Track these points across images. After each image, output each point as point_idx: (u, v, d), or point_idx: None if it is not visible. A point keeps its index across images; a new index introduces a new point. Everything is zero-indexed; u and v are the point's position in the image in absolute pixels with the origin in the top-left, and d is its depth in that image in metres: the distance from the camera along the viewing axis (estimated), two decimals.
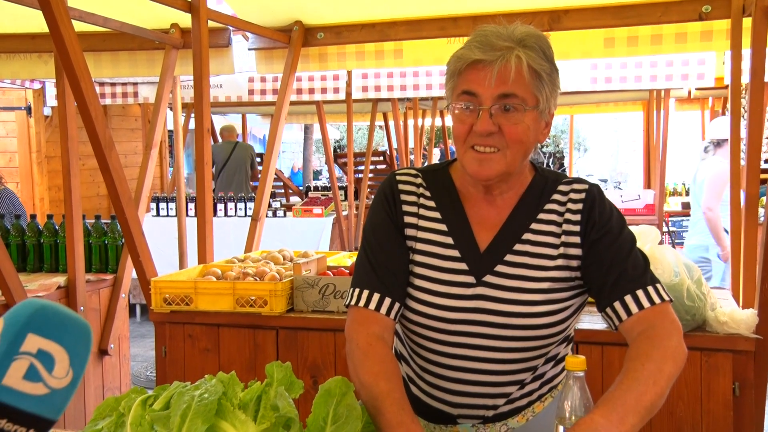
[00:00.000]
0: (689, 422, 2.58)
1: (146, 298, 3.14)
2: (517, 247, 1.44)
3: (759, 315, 2.58)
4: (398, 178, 1.54)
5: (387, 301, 1.44)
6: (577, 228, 1.43)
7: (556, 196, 1.47)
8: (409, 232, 1.49)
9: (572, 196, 1.46)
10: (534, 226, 1.45)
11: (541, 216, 1.46)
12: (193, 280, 3.11)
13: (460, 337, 1.44)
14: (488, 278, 1.43)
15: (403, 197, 1.51)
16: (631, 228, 2.58)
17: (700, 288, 2.53)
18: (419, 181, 1.53)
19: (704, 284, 2.57)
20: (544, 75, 1.37)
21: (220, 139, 8.63)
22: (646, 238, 2.49)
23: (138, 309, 7.53)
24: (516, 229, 1.46)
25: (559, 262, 1.43)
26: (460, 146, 1.42)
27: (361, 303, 1.44)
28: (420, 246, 1.48)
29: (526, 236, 1.45)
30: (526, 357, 1.44)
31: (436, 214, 1.49)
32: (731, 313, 2.54)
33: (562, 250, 1.44)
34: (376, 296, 1.44)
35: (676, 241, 9.45)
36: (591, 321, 2.70)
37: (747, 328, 2.53)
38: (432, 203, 1.50)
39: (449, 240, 1.47)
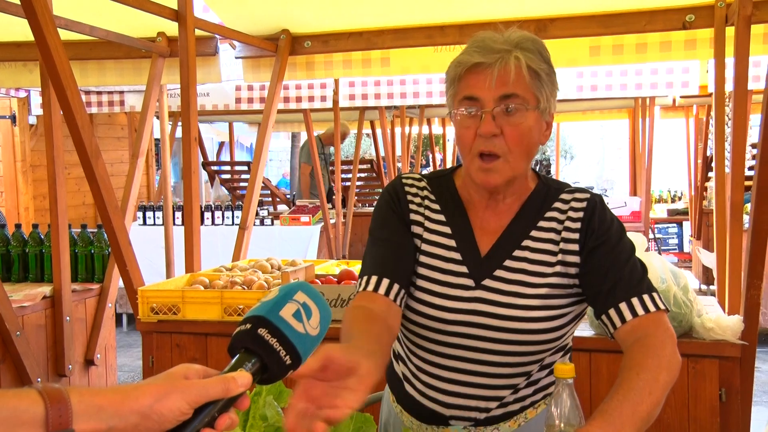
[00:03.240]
0: (676, 428, 2.59)
1: (133, 308, 3.12)
2: (517, 253, 1.47)
3: (744, 321, 2.60)
4: (404, 180, 1.58)
5: (385, 281, 1.46)
6: (575, 236, 1.45)
7: (557, 204, 1.50)
8: (416, 229, 1.53)
9: (573, 204, 1.48)
10: (534, 233, 1.48)
11: (542, 223, 1.48)
12: (181, 289, 3.09)
13: (456, 338, 1.46)
14: (487, 282, 1.46)
15: (410, 198, 1.55)
16: None
17: (686, 294, 2.54)
18: (423, 184, 1.57)
19: (690, 291, 2.59)
20: (543, 75, 1.39)
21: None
22: None
23: (125, 318, 7.47)
24: (516, 235, 1.48)
25: (558, 268, 1.45)
26: (466, 154, 1.44)
27: (367, 287, 1.47)
28: (425, 247, 1.52)
29: (526, 243, 1.47)
30: (521, 362, 1.46)
31: (441, 217, 1.53)
32: (717, 320, 2.56)
33: (560, 257, 1.46)
34: (374, 279, 1.46)
35: (662, 247, 9.51)
36: (579, 328, 2.70)
37: (733, 335, 2.55)
38: (436, 206, 1.54)
39: (452, 243, 1.50)
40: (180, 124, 4.29)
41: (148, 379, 0.89)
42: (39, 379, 3.50)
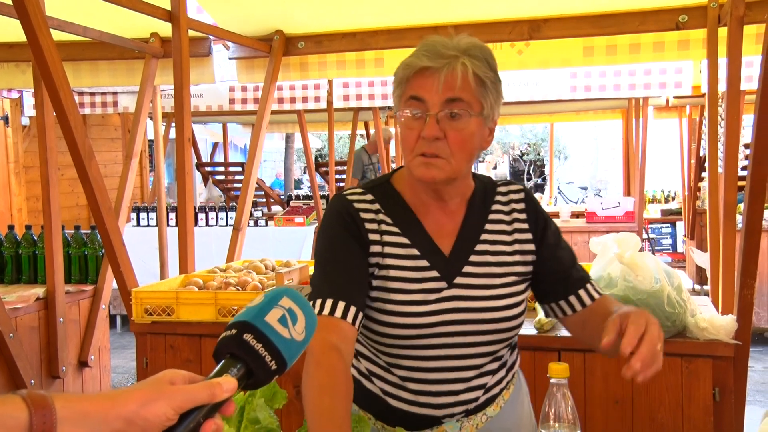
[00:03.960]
0: (670, 427, 2.60)
1: (127, 309, 3.11)
2: (478, 247, 1.54)
3: (738, 321, 2.61)
4: (350, 198, 1.54)
5: (352, 309, 1.43)
6: (526, 225, 1.58)
7: (498, 198, 1.60)
8: (374, 248, 1.51)
9: (513, 196, 1.61)
10: (487, 226, 1.57)
11: (491, 217, 1.58)
12: (175, 290, 3.09)
13: (439, 339, 1.49)
14: (458, 280, 1.51)
15: (363, 215, 1.52)
16: (612, 235, 2.62)
17: (680, 294, 2.55)
18: (370, 198, 1.55)
19: (684, 291, 2.59)
20: (488, 83, 1.44)
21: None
22: (626, 245, 2.51)
23: (118, 320, 7.46)
24: (472, 233, 1.55)
25: (516, 257, 1.56)
26: (408, 153, 1.48)
27: (326, 311, 1.41)
28: (389, 261, 1.51)
29: (483, 237, 1.55)
30: (497, 348, 1.54)
31: (395, 229, 1.53)
32: (711, 319, 2.57)
33: (516, 246, 1.56)
34: (341, 304, 1.43)
35: (656, 248, 9.54)
36: None
37: (726, 334, 2.55)
38: (389, 219, 1.54)
39: (415, 251, 1.51)
40: (173, 125, 4.26)
41: (133, 385, 0.89)
42: (33, 381, 3.49)
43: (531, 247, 1.57)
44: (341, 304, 1.42)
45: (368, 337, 1.54)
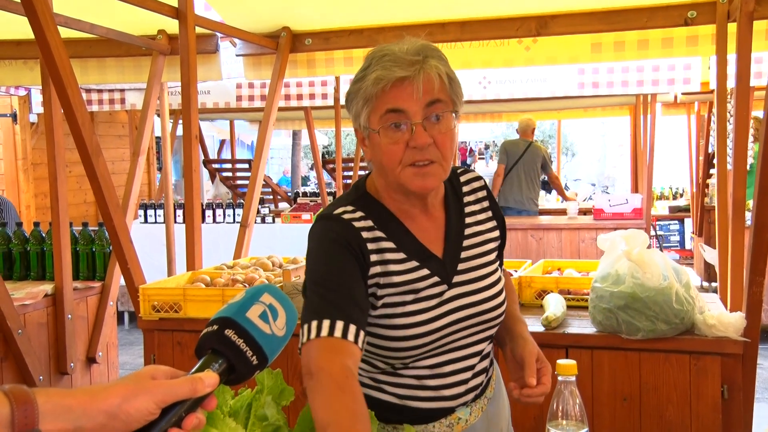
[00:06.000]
0: (678, 425, 2.59)
1: (134, 306, 3.12)
2: (465, 243, 1.59)
3: (747, 318, 2.60)
4: (345, 217, 1.49)
5: (361, 334, 1.38)
6: (490, 213, 1.66)
7: (464, 188, 1.65)
8: (375, 269, 1.48)
9: (474, 185, 1.66)
10: (467, 220, 1.62)
11: (467, 209, 1.63)
12: (182, 287, 3.09)
13: (448, 337, 1.53)
14: (456, 279, 1.55)
15: (364, 235, 1.48)
16: (619, 232, 2.61)
17: (688, 291, 2.54)
18: (361, 214, 1.50)
19: (692, 288, 2.58)
20: (454, 79, 1.46)
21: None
22: (634, 242, 2.50)
23: (126, 316, 7.48)
24: (456, 233, 1.59)
25: (490, 245, 1.63)
26: (395, 166, 1.43)
27: (337, 333, 1.35)
28: (393, 279, 1.49)
29: (466, 232, 1.61)
30: (493, 333, 1.63)
31: (391, 245, 1.50)
32: (719, 317, 2.56)
33: (488, 234, 1.64)
34: (352, 327, 1.37)
35: (664, 244, 9.51)
36: (581, 326, 2.71)
37: (735, 331, 2.54)
38: (383, 234, 1.50)
39: (414, 263, 1.51)
40: (181, 121, 4.28)
41: (116, 380, 0.91)
42: (41, 378, 3.51)
43: (497, 234, 1.66)
44: (352, 327, 1.36)
45: (376, 348, 1.52)
